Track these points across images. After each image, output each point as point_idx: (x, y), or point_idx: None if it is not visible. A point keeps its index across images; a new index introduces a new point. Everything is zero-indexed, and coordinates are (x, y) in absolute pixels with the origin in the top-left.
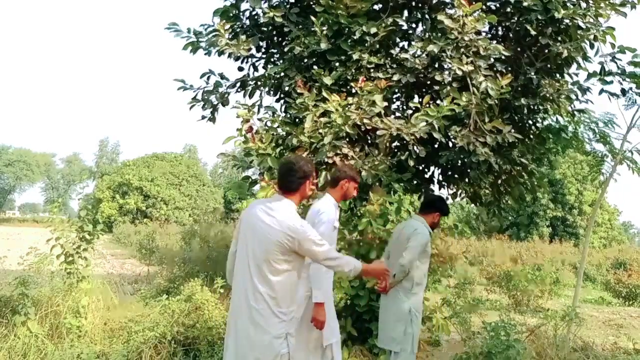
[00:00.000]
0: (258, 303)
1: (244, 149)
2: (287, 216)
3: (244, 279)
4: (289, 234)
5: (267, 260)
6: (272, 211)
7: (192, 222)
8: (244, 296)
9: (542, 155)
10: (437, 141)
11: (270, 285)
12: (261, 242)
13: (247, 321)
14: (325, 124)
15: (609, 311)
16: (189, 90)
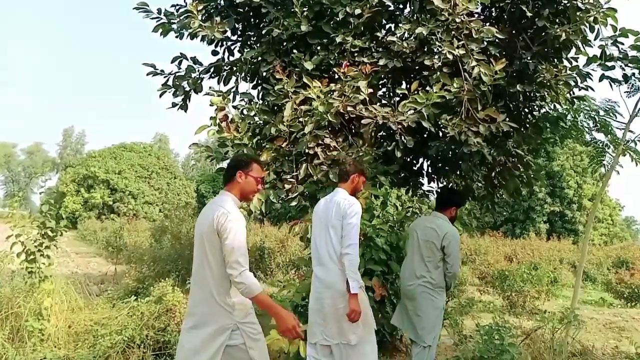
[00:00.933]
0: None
1: (218, 139)
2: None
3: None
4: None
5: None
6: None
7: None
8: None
9: (539, 145)
10: (426, 130)
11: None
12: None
13: None
14: (306, 112)
15: (610, 313)
16: (159, 75)
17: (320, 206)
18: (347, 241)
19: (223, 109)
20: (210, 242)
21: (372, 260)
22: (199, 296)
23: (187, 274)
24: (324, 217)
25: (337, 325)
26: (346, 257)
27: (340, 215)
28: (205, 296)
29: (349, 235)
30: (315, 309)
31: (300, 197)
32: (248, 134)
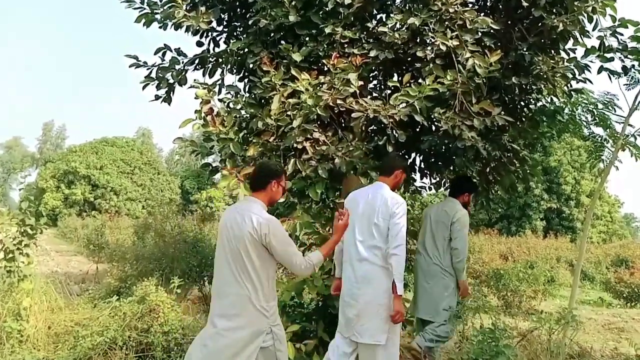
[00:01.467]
0: None
1: (203, 133)
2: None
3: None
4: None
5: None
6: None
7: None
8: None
9: (535, 140)
10: (419, 124)
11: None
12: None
13: None
14: (294, 105)
15: (609, 313)
16: (142, 67)
17: (359, 199)
18: (396, 242)
19: (208, 102)
20: (254, 249)
21: None
22: (233, 300)
23: (171, 273)
24: (368, 212)
25: (370, 323)
26: (394, 258)
27: (387, 214)
28: (242, 300)
29: (398, 236)
30: (350, 305)
31: (288, 193)
32: (234, 128)
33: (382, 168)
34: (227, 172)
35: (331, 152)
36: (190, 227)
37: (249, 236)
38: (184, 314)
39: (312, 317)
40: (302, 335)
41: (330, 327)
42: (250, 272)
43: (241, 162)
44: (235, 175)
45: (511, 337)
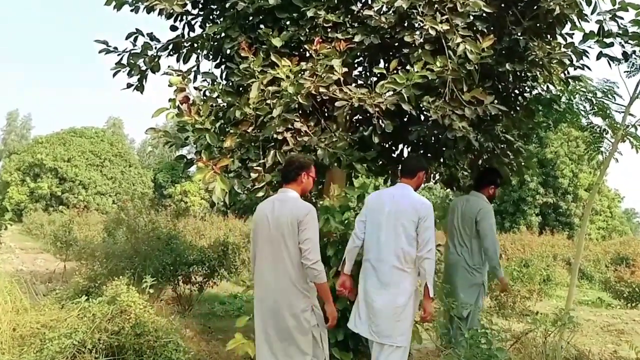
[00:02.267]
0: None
1: (177, 123)
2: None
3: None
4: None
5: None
6: None
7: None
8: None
9: (530, 130)
10: (407, 114)
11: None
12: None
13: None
14: (274, 93)
15: (609, 315)
16: (112, 53)
17: (384, 199)
18: (428, 246)
19: (183, 90)
20: (293, 235)
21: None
22: (276, 284)
23: (143, 272)
24: (394, 214)
25: (387, 324)
26: (426, 262)
27: (415, 216)
28: (285, 284)
29: (429, 240)
30: (367, 303)
31: (267, 187)
32: (210, 118)
33: (403, 170)
34: (202, 164)
35: (313, 143)
36: (164, 223)
37: (288, 224)
38: (157, 315)
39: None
40: None
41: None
42: (293, 257)
43: (218, 154)
44: (212, 168)
45: (504, 339)
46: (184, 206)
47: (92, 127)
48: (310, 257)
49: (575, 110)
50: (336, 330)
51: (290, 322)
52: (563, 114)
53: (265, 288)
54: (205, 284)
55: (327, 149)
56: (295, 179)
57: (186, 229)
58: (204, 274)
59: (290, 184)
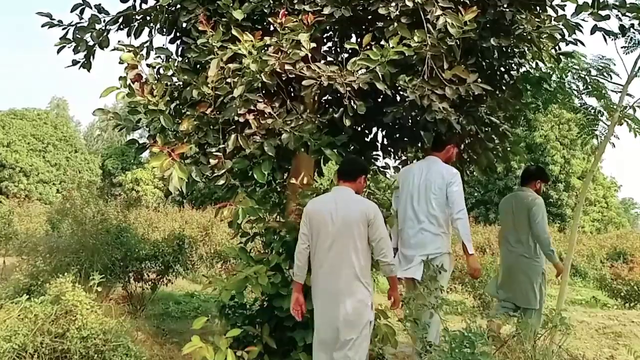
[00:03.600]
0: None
1: (128, 103)
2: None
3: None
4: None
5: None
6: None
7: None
8: None
9: (517, 112)
10: (381, 94)
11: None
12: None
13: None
14: (235, 71)
15: (604, 315)
16: (57, 27)
17: (415, 171)
18: (457, 207)
19: (135, 67)
20: (362, 233)
21: None
22: (341, 277)
23: (91, 268)
24: (424, 183)
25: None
26: (459, 222)
27: (443, 184)
28: (350, 277)
29: (458, 201)
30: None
31: (228, 174)
32: (165, 98)
33: (433, 144)
34: (157, 149)
35: (278, 126)
36: (113, 215)
37: (358, 222)
38: (105, 316)
39: (255, 320)
40: (244, 340)
41: (277, 331)
42: (359, 251)
43: (173, 138)
44: (168, 154)
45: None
46: (136, 196)
47: (34, 108)
48: (389, 256)
49: (567, 90)
50: (305, 332)
51: (350, 313)
52: (554, 94)
53: (329, 281)
54: (159, 282)
55: (293, 133)
56: (354, 179)
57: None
58: (157, 271)
59: (348, 182)
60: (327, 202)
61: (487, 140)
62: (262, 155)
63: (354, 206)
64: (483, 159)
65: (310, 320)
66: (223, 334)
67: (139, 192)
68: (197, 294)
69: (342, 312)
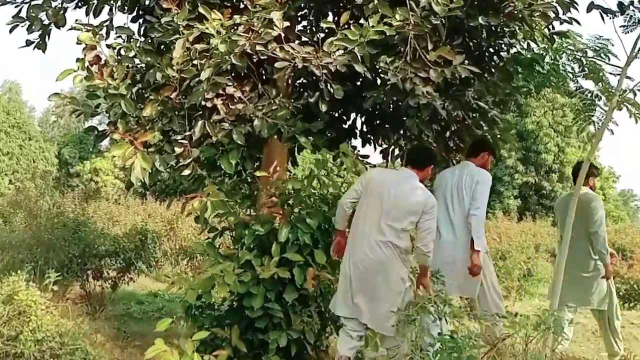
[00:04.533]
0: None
1: (87, 87)
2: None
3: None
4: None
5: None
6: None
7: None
8: None
9: (507, 96)
10: (360, 77)
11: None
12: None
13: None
14: (202, 52)
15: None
16: (9, 4)
17: (448, 176)
18: (476, 204)
19: (93, 48)
20: (411, 217)
21: (296, 246)
22: (380, 251)
23: (46, 265)
24: (457, 184)
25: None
26: (473, 218)
27: (473, 182)
28: (390, 252)
29: (480, 198)
30: (448, 265)
31: (194, 164)
32: (126, 82)
33: (469, 150)
34: (118, 137)
35: (249, 111)
36: (70, 207)
37: (413, 209)
38: (62, 317)
39: (224, 322)
40: (212, 343)
41: (248, 334)
42: (402, 235)
43: (135, 125)
44: (130, 141)
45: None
46: (95, 187)
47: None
48: (429, 247)
49: (562, 73)
50: (278, 334)
51: (386, 283)
52: (547, 77)
53: (366, 252)
54: (119, 280)
55: (265, 119)
56: (422, 167)
57: (97, 214)
58: (118, 268)
59: (415, 169)
60: (390, 176)
61: (474, 127)
62: (231, 143)
63: (413, 193)
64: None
65: (282, 321)
66: (189, 337)
67: (98, 183)
68: (161, 293)
69: (376, 285)
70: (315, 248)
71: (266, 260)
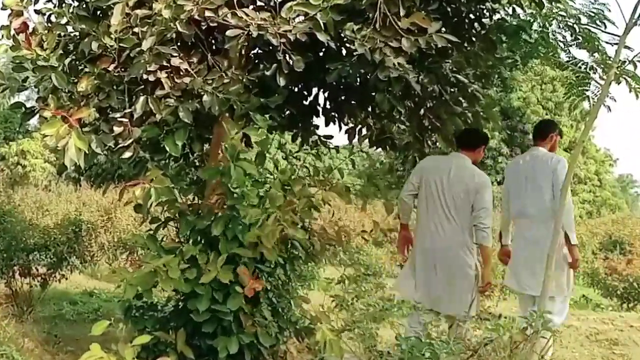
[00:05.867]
0: None
1: (13, 58)
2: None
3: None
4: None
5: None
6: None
7: None
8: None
9: (490, 69)
10: (324, 47)
11: None
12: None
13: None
14: (144, 18)
15: (597, 319)
16: None
17: (519, 165)
18: (563, 198)
19: (20, 14)
20: (467, 198)
21: (237, 241)
22: (447, 240)
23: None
24: (531, 175)
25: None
26: (562, 210)
27: (550, 172)
28: (455, 242)
29: (561, 191)
30: (523, 263)
31: (135, 145)
32: (58, 52)
33: (537, 131)
34: (49, 114)
35: (197, 85)
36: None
37: (467, 190)
38: None
39: (168, 325)
40: (154, 349)
41: (195, 338)
42: (463, 220)
43: (68, 101)
44: (63, 119)
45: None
46: (22, 171)
47: None
48: (485, 222)
49: (552, 42)
50: (228, 339)
51: (456, 273)
52: (535, 47)
53: (429, 241)
54: (50, 277)
55: (215, 94)
56: (474, 148)
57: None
58: (48, 264)
59: (467, 150)
60: (443, 163)
61: (453, 103)
62: (177, 122)
63: (466, 174)
64: (448, 125)
65: (233, 324)
66: (129, 341)
67: (25, 167)
68: (98, 292)
69: (442, 273)
70: (261, 243)
71: (212, 256)
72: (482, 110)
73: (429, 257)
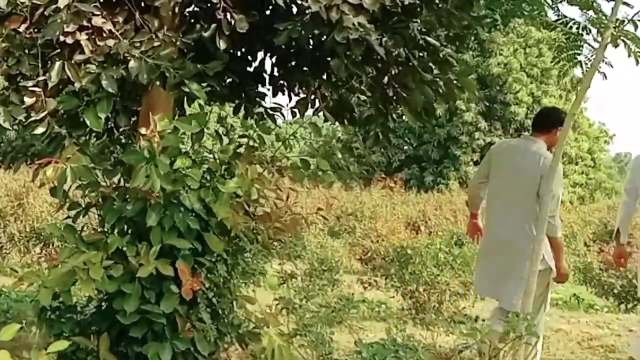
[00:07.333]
0: None
1: None
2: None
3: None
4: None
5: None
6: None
7: None
8: None
9: (465, 30)
10: (271, 4)
11: None
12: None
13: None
14: None
15: (590, 321)
16: None
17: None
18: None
19: None
20: (535, 187)
21: (176, 231)
22: (509, 225)
23: None
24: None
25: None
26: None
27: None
28: (517, 227)
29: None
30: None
31: (50, 119)
32: None
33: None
34: None
35: (123, 49)
36: None
37: (535, 176)
38: None
39: (89, 329)
40: (73, 356)
41: (121, 345)
42: (529, 208)
43: None
44: None
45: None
46: None
47: None
48: (554, 213)
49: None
50: (160, 345)
51: (517, 260)
52: (517, 4)
53: (497, 227)
54: None
55: (144, 59)
56: (548, 130)
57: None
58: None
59: (541, 132)
60: (511, 147)
61: (422, 70)
62: (100, 91)
63: (532, 159)
64: (417, 96)
65: (166, 328)
66: (43, 348)
67: None
68: (7, 291)
69: (505, 261)
70: (206, 232)
71: (143, 248)
72: (456, 78)
73: (495, 247)
